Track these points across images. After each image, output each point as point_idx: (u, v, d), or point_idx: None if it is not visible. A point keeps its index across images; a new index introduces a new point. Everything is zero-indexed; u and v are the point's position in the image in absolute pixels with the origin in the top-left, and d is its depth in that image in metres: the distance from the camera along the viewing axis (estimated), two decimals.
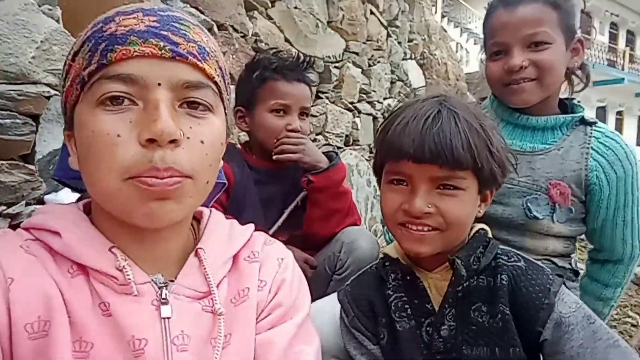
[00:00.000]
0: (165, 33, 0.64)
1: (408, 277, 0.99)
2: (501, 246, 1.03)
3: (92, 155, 0.63)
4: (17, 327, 0.59)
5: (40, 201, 1.48)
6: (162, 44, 0.63)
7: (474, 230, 1.01)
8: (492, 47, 1.33)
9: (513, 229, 1.33)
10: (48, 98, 1.53)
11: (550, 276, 0.95)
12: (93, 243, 0.67)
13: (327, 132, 3.50)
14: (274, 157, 1.47)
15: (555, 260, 1.37)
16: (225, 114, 0.73)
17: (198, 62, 0.65)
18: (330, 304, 1.12)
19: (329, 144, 3.43)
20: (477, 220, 1.02)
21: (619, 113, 24.08)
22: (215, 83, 0.69)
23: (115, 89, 0.62)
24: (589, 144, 1.32)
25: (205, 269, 0.73)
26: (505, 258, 0.98)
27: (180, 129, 0.62)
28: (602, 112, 22.96)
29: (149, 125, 0.60)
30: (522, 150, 1.34)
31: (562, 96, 1.39)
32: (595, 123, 1.35)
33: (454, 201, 0.91)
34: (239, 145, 1.69)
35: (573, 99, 1.42)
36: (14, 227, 0.71)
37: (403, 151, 0.90)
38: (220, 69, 0.70)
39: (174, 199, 0.63)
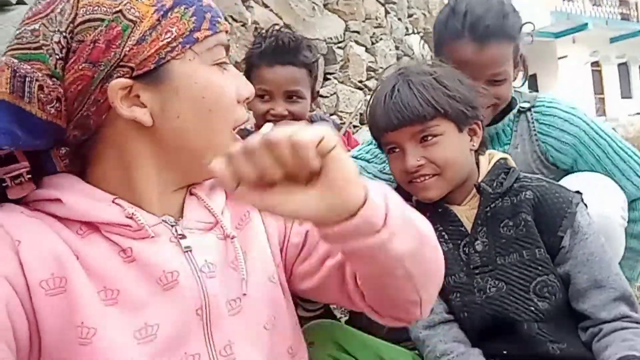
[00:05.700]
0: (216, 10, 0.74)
1: (440, 210, 1.12)
2: (524, 173, 1.14)
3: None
4: (33, 286, 0.60)
5: None
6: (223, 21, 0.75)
7: (494, 160, 1.13)
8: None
9: None
10: None
11: (571, 192, 1.09)
12: (96, 199, 0.68)
13: (341, 112, 3.55)
14: None
15: None
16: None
17: None
18: None
19: (343, 123, 3.48)
20: None
21: None
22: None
23: (224, 56, 0.74)
24: (534, 130, 1.36)
25: (205, 202, 0.76)
26: (529, 180, 1.11)
27: None
28: (624, 69, 22.11)
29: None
30: None
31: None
32: (533, 106, 1.37)
33: (438, 147, 1.05)
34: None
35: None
36: None
37: (379, 127, 1.09)
38: None
39: None
